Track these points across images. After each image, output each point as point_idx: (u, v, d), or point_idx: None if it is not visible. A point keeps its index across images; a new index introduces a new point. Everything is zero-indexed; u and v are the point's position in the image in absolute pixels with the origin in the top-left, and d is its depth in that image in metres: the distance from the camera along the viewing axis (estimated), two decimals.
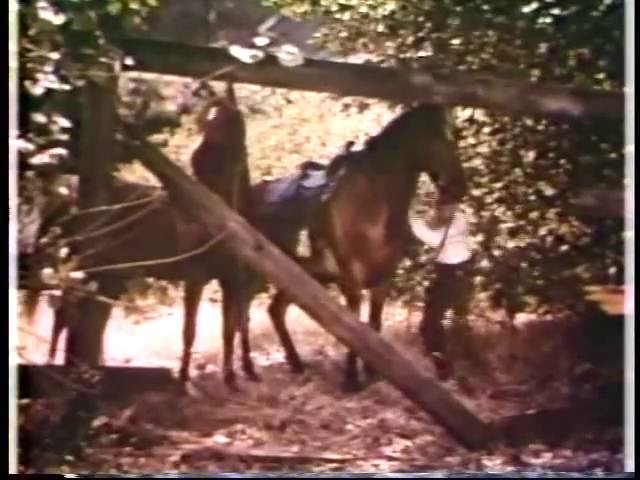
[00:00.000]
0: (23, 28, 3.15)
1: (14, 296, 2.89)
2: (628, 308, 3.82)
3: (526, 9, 5.83)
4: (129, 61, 3.95)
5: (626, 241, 3.91)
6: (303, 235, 5.98)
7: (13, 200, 2.91)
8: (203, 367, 6.23)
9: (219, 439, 4.58)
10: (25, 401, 3.68)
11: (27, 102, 3.19)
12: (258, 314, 6.67)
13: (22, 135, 3.04)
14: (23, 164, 3.04)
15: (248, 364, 6.19)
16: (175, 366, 5.71)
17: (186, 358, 5.76)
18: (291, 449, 4.46)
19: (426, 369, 6.09)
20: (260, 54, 3.40)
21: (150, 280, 8.02)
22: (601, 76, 5.90)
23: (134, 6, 4.07)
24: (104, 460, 3.96)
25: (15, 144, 2.88)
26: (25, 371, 3.33)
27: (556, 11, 5.84)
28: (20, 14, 3.08)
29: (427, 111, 5.63)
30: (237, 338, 6.14)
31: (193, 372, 5.99)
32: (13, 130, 2.92)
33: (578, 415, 4.67)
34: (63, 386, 3.83)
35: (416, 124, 5.65)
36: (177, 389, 5.40)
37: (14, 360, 2.96)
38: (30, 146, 3.00)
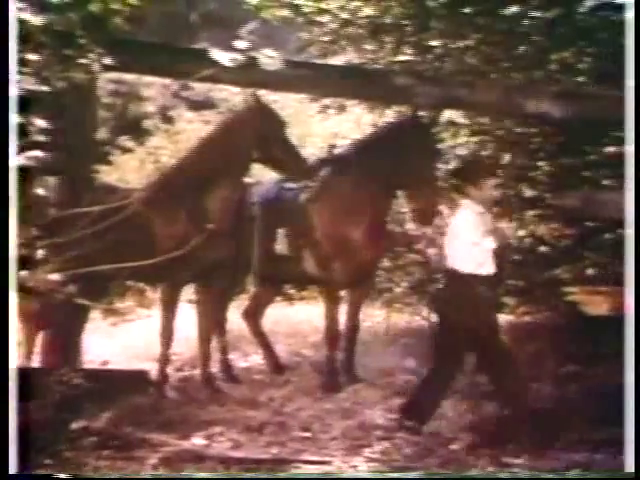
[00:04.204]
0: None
1: (14, 298, 2.87)
2: (628, 308, 3.82)
3: (508, 12, 5.86)
4: (111, 62, 3.93)
5: (626, 241, 3.90)
6: (281, 234, 5.98)
7: (13, 201, 2.88)
8: (182, 369, 6.22)
9: (198, 441, 4.56)
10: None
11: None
12: (237, 316, 6.64)
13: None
14: None
15: (227, 366, 6.17)
16: (154, 368, 5.68)
17: (164, 360, 5.72)
18: (270, 451, 4.45)
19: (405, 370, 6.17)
20: (240, 57, 3.40)
21: (129, 282, 7.97)
22: (583, 78, 5.93)
23: (115, 6, 4.05)
24: (83, 463, 3.93)
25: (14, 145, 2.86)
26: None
27: (538, 14, 5.87)
28: None
29: (418, 130, 5.64)
30: (216, 340, 6.12)
31: (172, 374, 5.96)
32: (13, 132, 2.89)
33: (560, 415, 4.68)
34: (42, 389, 3.80)
35: (406, 141, 5.60)
36: (156, 391, 5.39)
37: (14, 362, 2.94)
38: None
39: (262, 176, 6.54)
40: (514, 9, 5.62)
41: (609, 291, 5.51)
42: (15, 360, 3.01)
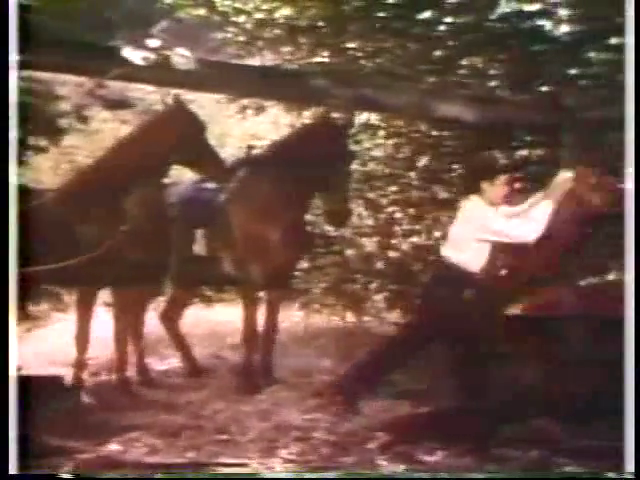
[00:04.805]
0: None
1: (14, 304, 2.79)
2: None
3: (422, 16, 5.95)
4: (23, 59, 3.84)
5: (626, 240, 3.96)
6: (199, 235, 5.95)
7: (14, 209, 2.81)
8: (98, 374, 6.12)
9: (113, 447, 4.49)
10: None
11: None
12: (154, 318, 6.57)
13: None
14: None
15: (143, 370, 6.11)
16: (69, 373, 5.58)
17: (80, 365, 5.64)
18: (187, 455, 4.41)
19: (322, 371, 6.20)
20: (152, 56, 3.37)
21: (44, 286, 7.80)
22: (494, 83, 6.07)
23: (25, 1, 3.96)
24: None
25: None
26: None
27: (450, 19, 5.98)
28: None
29: (329, 131, 5.65)
30: (133, 343, 6.05)
31: (88, 379, 5.86)
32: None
33: (471, 413, 4.78)
34: None
35: (320, 143, 5.60)
36: (71, 397, 5.29)
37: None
38: None
39: (180, 176, 6.49)
40: (428, 14, 5.71)
41: (522, 291, 5.64)
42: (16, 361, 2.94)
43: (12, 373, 2.82)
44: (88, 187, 5.53)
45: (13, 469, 3.05)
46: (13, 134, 4.44)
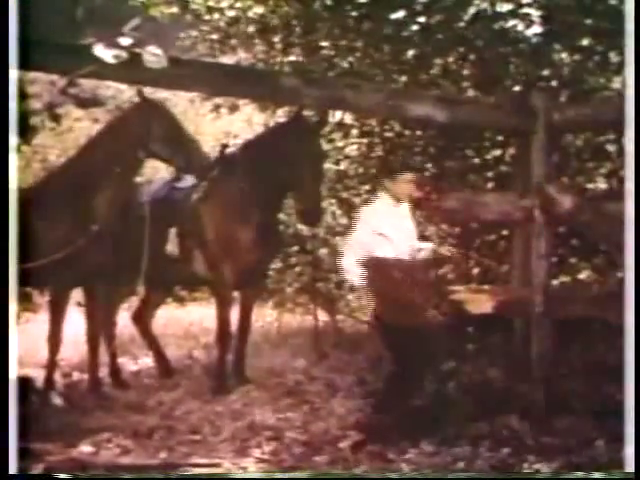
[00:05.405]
0: None
1: (14, 306, 2.76)
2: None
3: (393, 16, 5.97)
4: None
5: (626, 240, 3.97)
6: (172, 234, 5.92)
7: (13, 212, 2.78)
8: (69, 375, 6.08)
9: (85, 449, 4.47)
10: None
11: None
12: (126, 318, 6.54)
13: None
14: None
15: (115, 370, 6.08)
16: (39, 375, 5.54)
17: (51, 366, 5.59)
18: (159, 456, 4.40)
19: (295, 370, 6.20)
20: (124, 54, 3.34)
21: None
22: (465, 84, 6.09)
23: None
24: None
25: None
26: None
27: (422, 19, 6.00)
28: None
29: (301, 129, 5.64)
30: (105, 344, 6.01)
31: (59, 380, 5.82)
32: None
33: (442, 412, 4.80)
34: None
35: (292, 142, 5.60)
36: (41, 399, 5.25)
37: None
38: None
39: (153, 175, 6.46)
40: (399, 14, 5.72)
41: (492, 290, 5.68)
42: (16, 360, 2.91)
43: (12, 373, 2.80)
44: (58, 186, 5.49)
45: (13, 469, 3.05)
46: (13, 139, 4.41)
